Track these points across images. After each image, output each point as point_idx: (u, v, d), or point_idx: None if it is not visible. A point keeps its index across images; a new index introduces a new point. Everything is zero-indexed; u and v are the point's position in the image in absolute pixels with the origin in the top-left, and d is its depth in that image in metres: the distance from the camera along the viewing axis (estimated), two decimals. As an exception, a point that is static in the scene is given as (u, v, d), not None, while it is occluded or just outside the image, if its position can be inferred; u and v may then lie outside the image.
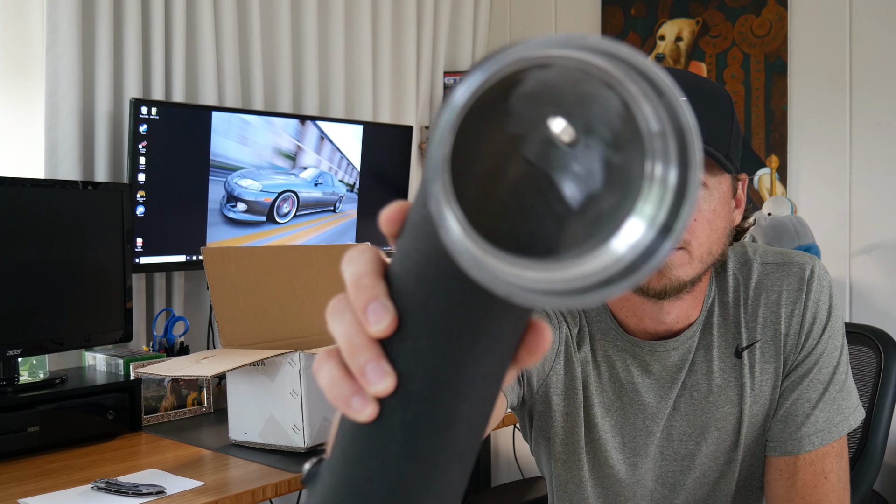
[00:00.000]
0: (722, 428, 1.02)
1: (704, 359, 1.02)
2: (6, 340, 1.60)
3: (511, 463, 3.03)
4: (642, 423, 1.03)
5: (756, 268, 1.02)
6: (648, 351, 1.02)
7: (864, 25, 2.47)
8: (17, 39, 2.01)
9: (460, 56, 3.19)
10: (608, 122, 0.33)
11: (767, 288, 1.01)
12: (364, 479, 0.35)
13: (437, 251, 0.32)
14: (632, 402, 1.03)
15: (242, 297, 1.65)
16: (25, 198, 1.65)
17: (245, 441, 1.55)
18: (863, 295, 2.46)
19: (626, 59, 0.31)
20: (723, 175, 0.92)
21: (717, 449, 1.03)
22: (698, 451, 1.03)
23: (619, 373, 1.03)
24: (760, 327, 1.01)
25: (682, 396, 1.03)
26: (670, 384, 1.02)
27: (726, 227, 0.95)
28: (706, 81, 0.97)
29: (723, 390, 1.02)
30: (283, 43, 2.53)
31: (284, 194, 2.32)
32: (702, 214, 0.90)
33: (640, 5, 2.90)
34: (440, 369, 0.33)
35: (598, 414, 1.04)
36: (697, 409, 1.02)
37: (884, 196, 2.44)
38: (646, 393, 1.03)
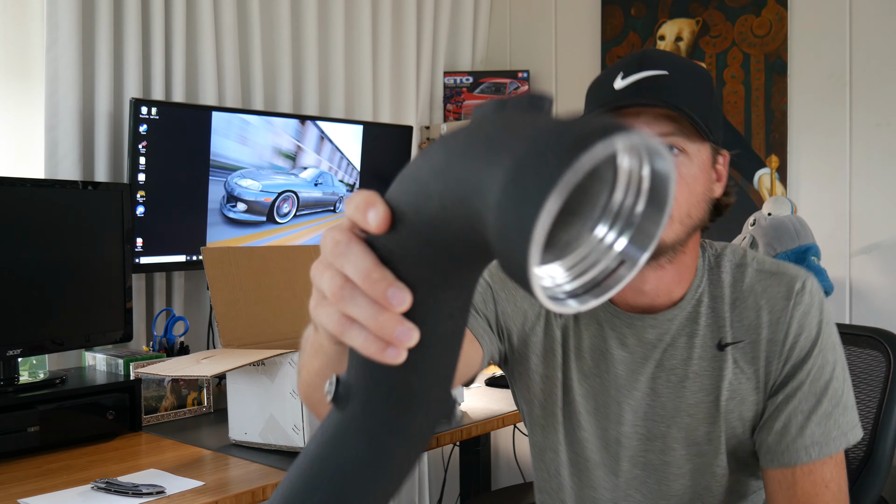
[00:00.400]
0: (693, 415, 1.04)
1: (686, 345, 1.04)
2: (6, 340, 1.60)
3: (511, 464, 3.03)
4: (615, 392, 1.06)
5: (750, 272, 1.05)
6: (626, 323, 1.05)
7: (864, 25, 2.47)
8: (17, 39, 2.01)
9: (460, 56, 3.19)
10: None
11: (757, 293, 1.03)
12: (404, 390, 0.47)
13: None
14: (607, 371, 1.07)
15: (242, 297, 1.65)
16: (25, 198, 1.65)
17: (245, 441, 1.55)
18: (863, 295, 2.46)
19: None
20: (703, 143, 0.97)
21: (689, 437, 1.04)
22: (668, 434, 1.05)
23: (597, 341, 1.07)
24: (745, 328, 1.03)
25: (659, 378, 1.05)
26: (643, 360, 1.05)
27: (704, 193, 0.99)
28: (685, 59, 1.05)
29: (699, 377, 1.03)
30: (283, 43, 2.53)
31: (284, 194, 2.32)
32: (682, 178, 0.95)
33: (640, 5, 2.90)
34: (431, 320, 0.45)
35: (574, 379, 1.08)
36: (672, 391, 1.04)
37: (884, 196, 2.44)
38: (618, 364, 1.06)
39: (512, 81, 3.11)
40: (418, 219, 0.42)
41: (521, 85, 3.11)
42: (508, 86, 3.11)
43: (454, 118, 3.06)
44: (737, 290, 1.04)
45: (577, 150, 0.34)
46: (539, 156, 0.35)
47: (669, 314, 1.04)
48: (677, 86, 0.95)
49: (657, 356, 1.05)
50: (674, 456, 1.06)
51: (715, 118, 0.98)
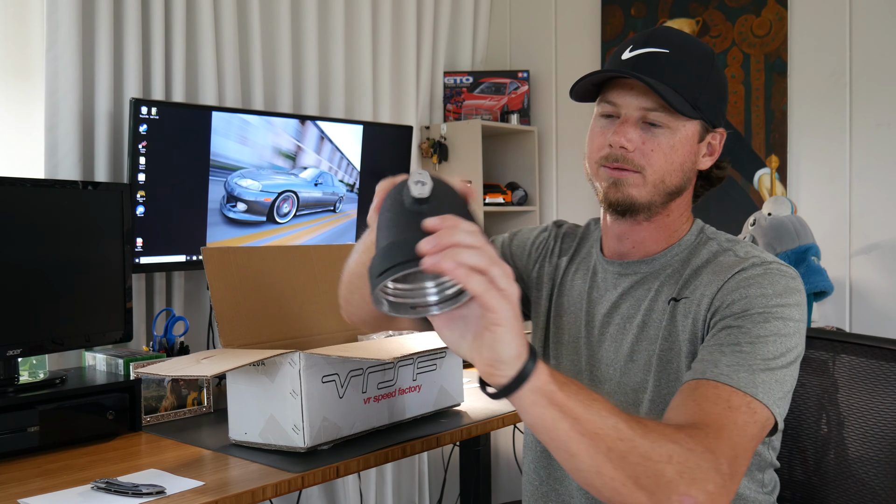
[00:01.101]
0: (636, 361, 1.10)
1: (643, 295, 1.12)
2: (6, 340, 1.60)
3: (511, 464, 3.03)
4: (585, 328, 1.17)
5: (728, 255, 1.09)
6: (602, 268, 1.18)
7: (864, 25, 2.47)
8: (17, 39, 2.01)
9: (460, 56, 3.19)
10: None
11: (724, 266, 1.06)
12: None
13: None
14: (580, 310, 1.18)
15: (242, 297, 1.65)
16: (25, 198, 1.65)
17: (245, 441, 1.55)
18: (863, 295, 2.46)
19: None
20: (688, 120, 1.06)
21: (622, 383, 1.11)
22: (610, 378, 1.12)
23: (578, 282, 1.21)
24: (692, 288, 1.07)
25: (612, 321, 1.14)
26: (609, 303, 1.15)
27: (683, 164, 1.08)
28: (693, 39, 1.12)
29: (647, 327, 1.10)
30: (283, 43, 2.53)
31: (284, 194, 2.32)
32: (659, 147, 1.06)
33: (640, 5, 2.90)
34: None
35: (559, 314, 1.21)
36: (625, 334, 1.12)
37: (884, 196, 2.44)
38: (589, 304, 1.17)
39: (512, 81, 3.11)
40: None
41: (521, 85, 3.11)
42: (508, 86, 3.11)
43: (454, 118, 3.06)
44: (706, 263, 1.09)
45: (375, 279, 0.73)
46: (370, 269, 0.74)
47: (638, 265, 1.14)
48: (672, 65, 1.05)
49: (614, 298, 1.14)
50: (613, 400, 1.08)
51: (709, 96, 1.07)
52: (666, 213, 1.12)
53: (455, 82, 3.09)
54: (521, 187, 3.09)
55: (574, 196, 3.11)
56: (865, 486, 1.36)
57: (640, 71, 1.04)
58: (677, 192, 1.10)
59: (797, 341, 1.01)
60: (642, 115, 1.06)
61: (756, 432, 0.93)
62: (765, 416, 0.94)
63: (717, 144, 1.12)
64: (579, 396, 0.79)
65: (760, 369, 0.95)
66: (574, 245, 1.26)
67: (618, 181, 1.07)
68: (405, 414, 1.67)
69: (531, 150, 3.11)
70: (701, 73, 1.07)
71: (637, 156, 1.06)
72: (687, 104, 1.04)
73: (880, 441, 1.35)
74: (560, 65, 3.14)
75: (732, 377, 0.94)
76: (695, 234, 1.15)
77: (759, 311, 0.99)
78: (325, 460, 1.46)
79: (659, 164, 1.06)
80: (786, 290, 1.01)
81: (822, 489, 1.41)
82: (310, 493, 2.56)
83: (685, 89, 1.05)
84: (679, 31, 1.13)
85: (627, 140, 1.05)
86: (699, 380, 0.96)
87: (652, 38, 1.07)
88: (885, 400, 1.37)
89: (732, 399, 0.93)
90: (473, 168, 2.88)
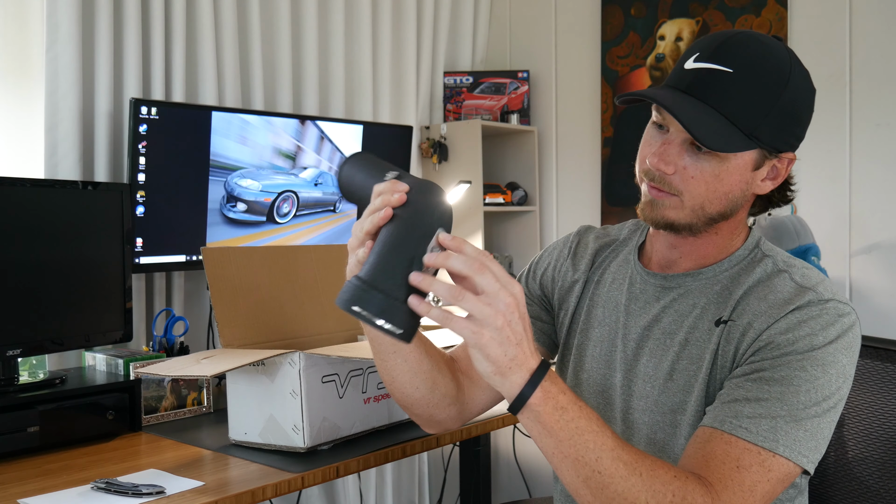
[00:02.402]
0: (675, 380, 1.04)
1: (687, 311, 1.06)
2: (6, 340, 1.60)
3: (511, 464, 3.03)
4: (622, 341, 1.11)
5: (786, 280, 1.02)
6: (642, 279, 1.12)
7: (864, 25, 2.47)
8: (17, 39, 2.01)
9: (460, 56, 3.19)
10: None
11: (780, 297, 1.00)
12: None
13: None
14: (617, 322, 1.13)
15: (242, 297, 1.65)
16: (25, 198, 1.65)
17: (245, 441, 1.55)
18: (863, 295, 2.46)
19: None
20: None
21: (658, 402, 1.06)
22: (649, 395, 1.07)
23: (614, 293, 1.15)
24: (740, 311, 1.02)
25: (651, 335, 1.08)
26: (650, 317, 1.09)
27: (730, 192, 1.01)
28: (769, 52, 0.99)
29: (688, 345, 1.05)
30: (283, 43, 2.53)
31: (284, 194, 2.32)
32: (702, 174, 0.99)
33: (640, 5, 2.90)
34: None
35: (588, 326, 1.16)
36: (661, 351, 1.07)
37: (884, 196, 2.44)
38: (626, 316, 1.12)
39: (512, 81, 3.11)
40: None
41: (521, 85, 3.11)
42: (508, 86, 3.11)
43: (454, 118, 3.06)
44: (758, 283, 1.03)
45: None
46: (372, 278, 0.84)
47: (683, 278, 1.08)
48: (733, 89, 0.96)
49: (655, 311, 1.09)
50: (651, 418, 1.06)
51: (774, 123, 0.97)
52: (714, 231, 1.06)
53: (455, 82, 3.09)
54: (521, 187, 3.09)
55: (574, 196, 3.11)
56: (866, 486, 1.36)
57: (695, 91, 0.97)
58: (721, 217, 1.03)
59: (838, 386, 0.95)
60: (689, 137, 0.98)
61: (769, 489, 0.91)
62: (784, 470, 0.91)
63: (782, 168, 1.03)
64: (573, 424, 0.86)
65: (785, 421, 0.92)
66: (607, 253, 1.20)
67: (654, 201, 1.02)
68: (405, 414, 1.67)
69: (531, 150, 3.11)
70: (767, 99, 0.96)
71: (677, 180, 1.00)
72: (739, 134, 0.96)
73: (880, 441, 1.35)
74: (560, 65, 3.14)
75: (751, 430, 0.91)
76: (749, 249, 1.07)
77: (800, 355, 0.94)
78: (325, 460, 1.46)
79: (699, 192, 0.99)
80: (838, 334, 0.96)
81: (823, 489, 1.41)
82: (310, 493, 2.56)
83: (742, 117, 0.96)
84: (757, 39, 0.99)
85: (666, 164, 0.99)
86: (713, 430, 0.93)
87: (720, 51, 0.97)
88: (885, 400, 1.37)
89: (743, 458, 0.90)
90: (473, 168, 2.88)
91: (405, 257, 0.84)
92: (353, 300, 0.82)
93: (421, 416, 1.15)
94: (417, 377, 1.08)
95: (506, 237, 3.21)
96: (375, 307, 0.82)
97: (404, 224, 0.86)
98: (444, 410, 1.14)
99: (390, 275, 0.83)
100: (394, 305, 0.82)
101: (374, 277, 0.83)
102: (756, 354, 0.97)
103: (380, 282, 0.83)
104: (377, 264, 0.84)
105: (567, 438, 0.86)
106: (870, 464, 1.36)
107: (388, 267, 0.84)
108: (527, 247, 3.14)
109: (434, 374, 1.10)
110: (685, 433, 1.02)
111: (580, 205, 3.09)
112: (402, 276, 0.83)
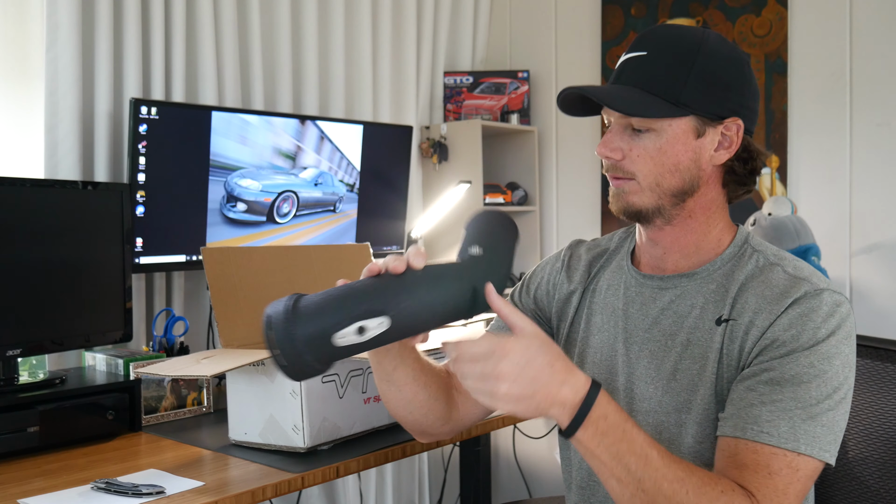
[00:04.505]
0: (678, 380, 1.05)
1: (686, 313, 1.08)
2: (6, 340, 1.60)
3: (511, 464, 3.03)
4: (623, 345, 1.12)
5: (777, 271, 1.04)
6: (637, 282, 1.14)
7: (864, 25, 2.47)
8: (17, 39, 2.01)
9: (460, 56, 3.19)
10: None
11: (776, 291, 1.02)
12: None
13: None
14: (616, 327, 1.14)
15: (242, 297, 1.65)
16: (25, 198, 1.65)
17: (245, 441, 1.55)
18: (863, 295, 2.46)
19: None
20: (674, 118, 1.03)
21: (663, 402, 1.07)
22: (652, 396, 1.08)
23: (611, 299, 1.16)
24: (739, 309, 1.03)
25: (652, 338, 1.09)
26: (650, 319, 1.11)
27: (679, 163, 1.04)
28: (682, 33, 1.06)
29: (691, 346, 1.06)
30: (283, 43, 2.53)
31: (284, 194, 2.32)
32: (645, 151, 1.04)
33: (640, 5, 2.90)
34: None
35: (588, 334, 1.18)
36: (663, 353, 1.08)
37: (884, 196, 2.44)
38: (626, 320, 1.13)
39: (512, 81, 3.11)
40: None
41: (521, 85, 3.11)
42: (508, 86, 3.11)
43: (454, 118, 3.06)
44: (752, 279, 1.05)
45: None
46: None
47: (678, 279, 1.10)
48: (648, 67, 1.04)
49: (654, 313, 1.10)
50: (654, 418, 1.08)
51: (696, 88, 1.02)
52: (686, 213, 1.08)
53: (455, 82, 3.09)
54: (521, 187, 3.09)
55: (574, 196, 3.11)
56: (866, 486, 1.36)
57: (620, 78, 1.05)
58: (683, 191, 1.06)
59: (845, 376, 0.98)
60: (628, 122, 1.04)
61: (800, 488, 0.94)
62: (810, 467, 0.95)
63: (733, 135, 1.05)
64: (614, 448, 0.91)
65: (802, 419, 0.94)
66: (601, 263, 1.22)
67: (618, 191, 1.07)
68: (405, 414, 1.67)
69: (531, 150, 3.11)
70: (681, 67, 1.02)
71: (627, 163, 1.05)
72: (661, 101, 1.01)
73: (880, 441, 1.35)
74: (560, 65, 3.14)
75: (773, 433, 0.94)
76: (738, 246, 1.10)
77: (806, 350, 0.97)
78: (325, 460, 1.46)
79: (648, 169, 1.04)
80: (838, 324, 0.98)
81: (823, 490, 1.41)
82: (310, 494, 2.56)
83: (661, 87, 1.02)
84: (672, 25, 1.10)
85: (611, 150, 1.05)
86: (738, 441, 0.96)
87: (637, 42, 1.06)
88: (885, 400, 1.37)
89: (772, 464, 0.93)
90: (473, 168, 2.88)
91: (348, 314, 0.88)
92: (277, 317, 0.88)
93: (413, 431, 1.21)
94: (412, 405, 1.13)
95: (506, 237, 3.20)
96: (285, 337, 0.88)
97: (376, 288, 0.91)
98: (438, 429, 1.19)
99: (325, 316, 0.88)
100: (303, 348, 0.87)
101: (309, 311, 0.88)
102: (763, 354, 0.99)
103: (310, 318, 0.88)
104: (325, 302, 0.89)
105: (608, 461, 0.91)
106: (870, 464, 1.36)
107: (330, 309, 0.88)
108: (527, 247, 3.14)
109: (430, 403, 1.14)
110: (691, 431, 1.04)
111: (580, 205, 3.09)
112: (332, 325, 0.87)
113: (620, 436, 0.90)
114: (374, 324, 0.88)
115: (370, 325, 0.88)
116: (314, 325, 0.86)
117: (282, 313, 0.87)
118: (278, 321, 0.87)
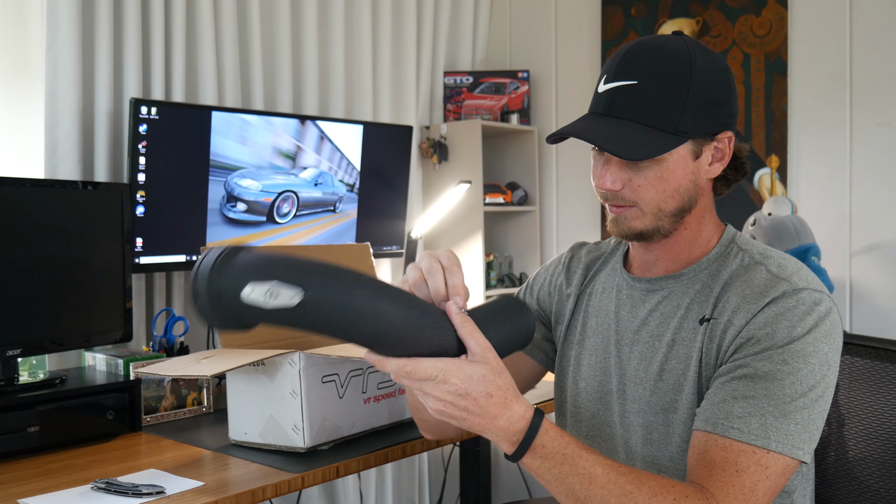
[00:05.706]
0: (665, 380, 1.07)
1: (672, 313, 1.09)
2: (6, 340, 1.60)
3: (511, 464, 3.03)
4: (615, 347, 1.14)
5: (762, 272, 1.05)
6: (628, 284, 1.16)
7: (864, 25, 2.47)
8: (17, 39, 2.01)
9: (460, 56, 3.19)
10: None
11: (755, 290, 1.02)
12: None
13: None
14: (609, 329, 1.16)
15: (242, 297, 1.65)
16: (25, 198, 1.65)
17: (245, 441, 1.55)
18: (863, 295, 2.46)
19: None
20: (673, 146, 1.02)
21: (650, 403, 1.08)
22: (641, 397, 1.09)
23: (605, 302, 1.19)
24: (720, 308, 1.04)
25: (640, 338, 1.11)
26: (638, 321, 1.13)
27: (680, 187, 1.04)
28: (666, 53, 1.03)
29: (677, 346, 1.07)
30: (283, 43, 2.53)
31: (284, 194, 2.32)
32: (647, 181, 1.03)
33: (640, 5, 2.90)
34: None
35: (584, 337, 1.20)
36: (649, 353, 1.10)
37: (884, 196, 2.44)
38: (617, 322, 1.15)
39: (512, 81, 3.11)
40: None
41: (521, 85, 3.11)
42: (508, 86, 3.11)
43: (454, 118, 3.06)
44: (735, 277, 1.06)
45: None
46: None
47: (665, 280, 1.11)
48: (642, 98, 1.01)
49: (643, 315, 1.12)
50: (645, 419, 1.09)
51: (694, 113, 1.01)
52: (682, 227, 1.09)
53: (455, 82, 3.09)
54: (521, 187, 3.09)
55: (574, 196, 3.11)
56: (866, 486, 1.36)
57: (612, 110, 1.02)
58: (683, 210, 1.06)
59: (822, 374, 0.97)
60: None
61: (770, 486, 0.94)
62: (781, 465, 0.94)
63: (725, 148, 1.06)
64: (556, 470, 0.92)
65: (774, 416, 0.94)
66: (598, 265, 1.24)
67: (618, 218, 1.07)
68: (405, 414, 1.67)
69: (531, 150, 3.11)
70: (677, 95, 1.00)
71: (627, 192, 1.04)
72: (664, 135, 1.00)
73: (881, 442, 1.35)
74: (560, 65, 3.14)
75: (743, 429, 0.94)
76: (724, 246, 1.10)
77: (781, 348, 0.97)
78: (325, 460, 1.46)
79: (651, 197, 1.04)
80: (815, 323, 0.98)
81: (823, 489, 1.41)
82: (310, 494, 2.56)
83: (660, 119, 1.00)
84: (651, 45, 1.04)
85: (611, 182, 1.04)
86: (708, 435, 0.96)
87: (621, 68, 1.02)
88: (885, 400, 1.37)
89: (740, 461, 0.93)
90: (473, 168, 2.88)
91: (270, 271, 0.84)
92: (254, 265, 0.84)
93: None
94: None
95: (506, 237, 3.21)
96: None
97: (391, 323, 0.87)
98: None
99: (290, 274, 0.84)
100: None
101: (247, 258, 0.84)
102: (738, 351, 1.00)
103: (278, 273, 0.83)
104: (268, 256, 0.85)
105: (553, 482, 0.93)
106: (870, 464, 1.36)
107: (263, 261, 0.85)
108: (527, 247, 3.14)
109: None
110: (679, 431, 1.05)
111: (580, 205, 3.09)
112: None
113: (561, 459, 0.92)
114: (287, 293, 0.82)
115: (281, 293, 0.82)
116: (239, 270, 0.82)
117: (219, 250, 0.84)
118: (211, 256, 0.83)
